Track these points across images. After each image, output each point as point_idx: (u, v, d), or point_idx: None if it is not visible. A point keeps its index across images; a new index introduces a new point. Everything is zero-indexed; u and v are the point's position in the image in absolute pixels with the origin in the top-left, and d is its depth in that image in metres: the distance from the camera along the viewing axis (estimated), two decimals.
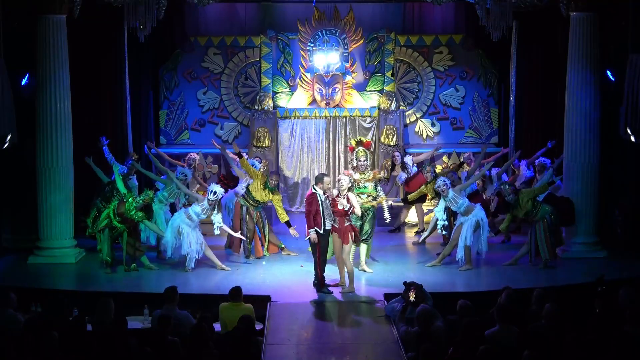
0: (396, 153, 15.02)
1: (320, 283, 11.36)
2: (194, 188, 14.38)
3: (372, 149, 12.52)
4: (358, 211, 11.59)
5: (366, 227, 12.24)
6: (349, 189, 11.50)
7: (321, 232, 11.25)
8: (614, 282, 10.54)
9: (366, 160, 12.39)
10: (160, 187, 13.36)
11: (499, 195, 13.66)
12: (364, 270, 12.19)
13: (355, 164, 12.52)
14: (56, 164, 12.82)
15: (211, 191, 12.44)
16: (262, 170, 13.58)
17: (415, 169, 14.59)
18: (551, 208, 12.52)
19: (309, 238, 11.31)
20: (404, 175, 14.64)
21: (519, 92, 15.75)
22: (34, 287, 11.50)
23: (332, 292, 11.31)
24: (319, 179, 11.41)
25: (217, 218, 12.48)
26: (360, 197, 12.05)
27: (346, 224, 11.38)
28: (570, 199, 12.95)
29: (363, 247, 12.28)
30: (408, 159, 14.65)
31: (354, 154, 12.59)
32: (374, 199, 12.33)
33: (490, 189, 13.91)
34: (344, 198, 11.31)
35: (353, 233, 11.43)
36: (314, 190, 11.34)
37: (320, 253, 11.30)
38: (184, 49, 16.39)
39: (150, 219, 12.49)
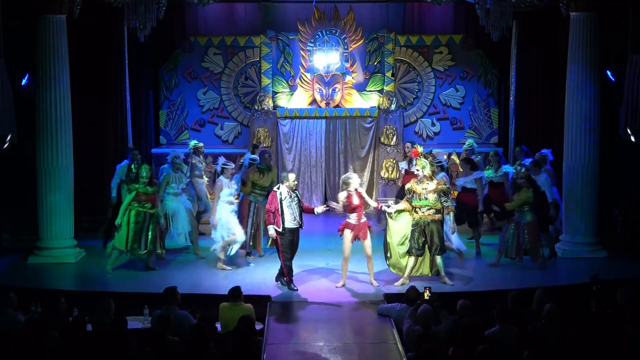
0: (408, 144, 14.58)
1: (281, 274, 11.61)
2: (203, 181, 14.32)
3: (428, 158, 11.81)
4: (372, 203, 11.73)
5: (435, 240, 11.54)
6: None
7: (280, 230, 11.40)
8: (614, 282, 10.54)
9: (423, 170, 11.56)
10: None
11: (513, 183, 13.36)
12: (445, 283, 11.58)
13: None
14: (56, 164, 12.81)
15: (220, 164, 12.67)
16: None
17: None
18: (533, 217, 12.35)
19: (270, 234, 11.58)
20: (405, 164, 14.19)
21: (519, 92, 15.76)
22: (34, 287, 11.50)
23: (297, 289, 11.42)
24: (283, 177, 11.61)
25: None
26: (420, 211, 11.56)
27: (362, 220, 11.46)
28: (555, 203, 12.96)
29: (437, 260, 11.69)
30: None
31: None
32: (437, 211, 11.55)
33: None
34: (354, 194, 11.43)
35: (368, 228, 11.51)
36: (275, 189, 11.53)
37: (283, 250, 11.48)
38: (184, 49, 16.40)
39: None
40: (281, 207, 11.43)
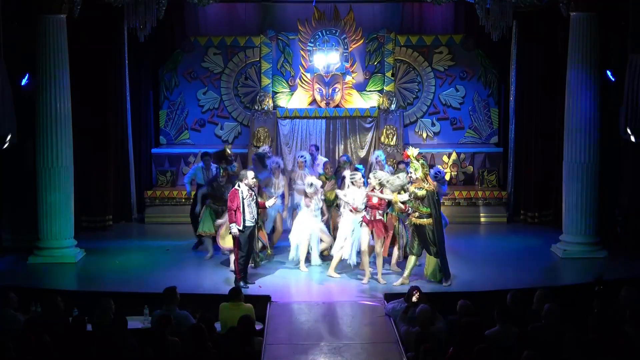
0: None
1: (243, 277, 11.57)
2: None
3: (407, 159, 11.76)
4: (389, 196, 11.62)
5: (428, 242, 11.56)
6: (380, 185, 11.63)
7: (240, 228, 11.45)
8: (614, 282, 10.54)
9: (413, 172, 11.54)
10: None
11: None
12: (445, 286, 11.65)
13: None
14: (56, 164, 12.81)
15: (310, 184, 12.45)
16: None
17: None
18: None
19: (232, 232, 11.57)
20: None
21: (519, 92, 15.75)
22: (34, 287, 11.50)
23: (248, 287, 11.42)
24: (243, 175, 11.67)
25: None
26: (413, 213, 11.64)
27: (377, 218, 11.57)
28: None
29: (432, 260, 11.72)
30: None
31: None
32: (425, 216, 11.48)
33: None
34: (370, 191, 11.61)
35: (382, 226, 11.58)
36: (237, 187, 11.55)
37: (239, 248, 11.53)
38: (184, 49, 16.39)
39: None
40: (242, 205, 11.48)
